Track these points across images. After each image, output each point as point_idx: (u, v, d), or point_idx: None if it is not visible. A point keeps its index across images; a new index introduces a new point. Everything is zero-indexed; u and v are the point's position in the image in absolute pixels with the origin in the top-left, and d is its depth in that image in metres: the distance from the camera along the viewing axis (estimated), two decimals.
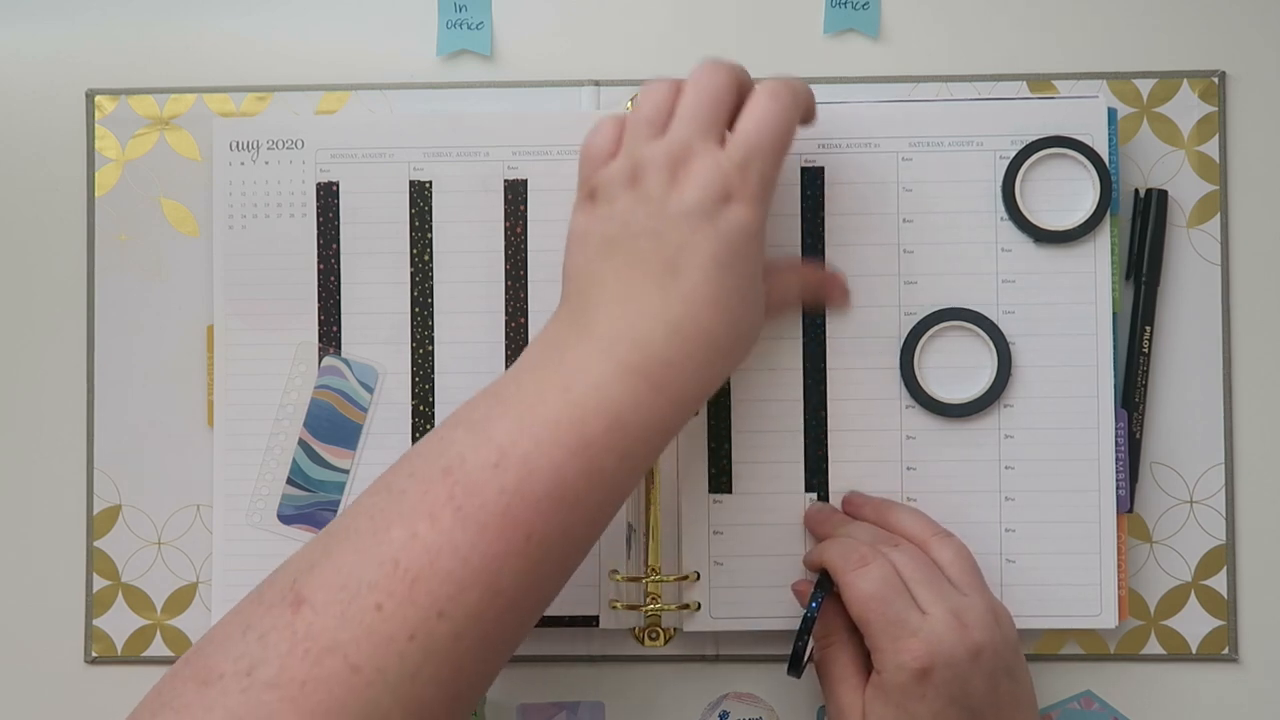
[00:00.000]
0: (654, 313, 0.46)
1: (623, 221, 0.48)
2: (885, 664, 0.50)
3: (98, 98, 0.62)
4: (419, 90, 0.61)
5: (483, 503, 0.42)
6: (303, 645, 0.40)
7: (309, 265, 0.60)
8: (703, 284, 0.46)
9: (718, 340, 0.46)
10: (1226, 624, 0.60)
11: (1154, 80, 0.60)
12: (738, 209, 0.47)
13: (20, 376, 0.62)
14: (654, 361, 0.45)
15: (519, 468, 0.43)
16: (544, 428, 0.44)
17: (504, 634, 0.43)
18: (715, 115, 0.49)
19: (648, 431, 0.45)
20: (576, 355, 0.45)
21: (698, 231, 0.46)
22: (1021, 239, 0.59)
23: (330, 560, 0.42)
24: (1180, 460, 0.60)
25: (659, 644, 0.59)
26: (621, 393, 0.44)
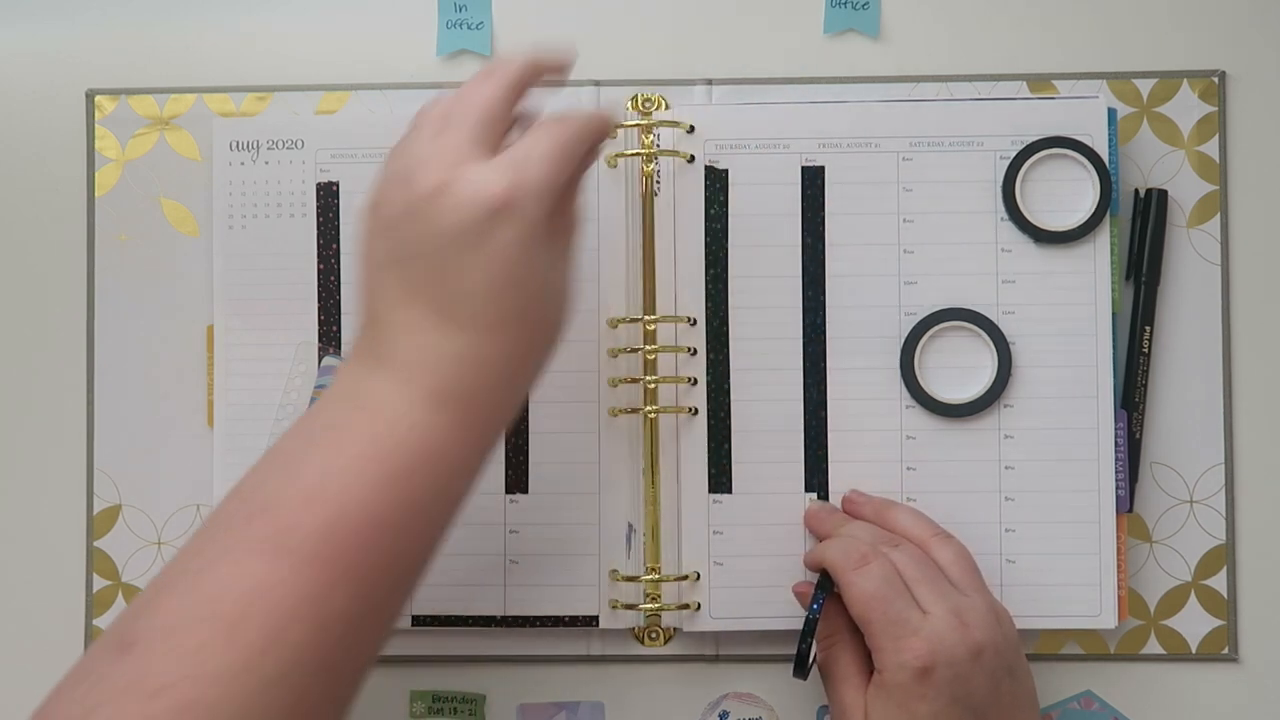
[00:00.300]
0: (440, 342, 0.45)
1: (398, 240, 0.46)
2: (886, 663, 0.50)
3: (98, 98, 0.62)
4: (419, 90, 0.61)
5: (300, 540, 0.42)
6: (135, 687, 0.40)
7: (309, 265, 0.60)
8: (481, 311, 0.45)
9: (509, 361, 0.46)
10: (1226, 624, 0.60)
11: (1154, 80, 0.60)
12: (508, 227, 0.44)
13: (20, 376, 0.62)
14: (450, 388, 0.45)
15: (332, 503, 0.43)
16: (352, 462, 0.43)
17: (340, 664, 0.43)
18: (484, 128, 0.46)
19: (458, 457, 0.45)
20: (379, 387, 0.45)
21: (467, 255, 0.44)
22: (1021, 239, 0.59)
23: (158, 602, 0.42)
24: (1180, 460, 0.60)
25: (659, 644, 0.59)
26: (426, 421, 0.44)
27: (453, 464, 0.45)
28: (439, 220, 0.44)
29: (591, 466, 0.59)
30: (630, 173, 0.59)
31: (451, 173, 0.44)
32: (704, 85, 0.61)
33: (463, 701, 0.59)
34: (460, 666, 0.60)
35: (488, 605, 0.59)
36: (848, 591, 0.52)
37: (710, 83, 0.61)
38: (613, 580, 0.58)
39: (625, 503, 0.59)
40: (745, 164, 0.59)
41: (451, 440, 0.45)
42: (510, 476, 0.59)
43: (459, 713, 0.59)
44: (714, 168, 0.59)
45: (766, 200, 0.59)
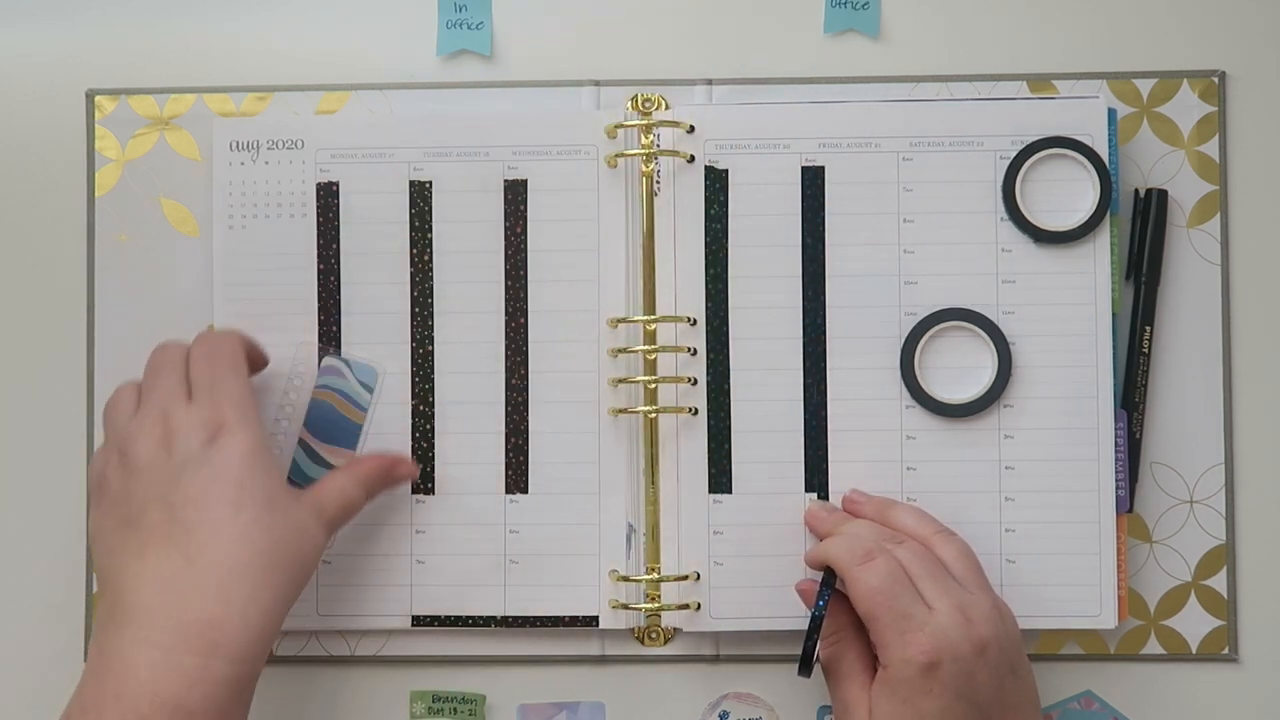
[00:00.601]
0: (178, 576, 0.46)
1: (127, 500, 0.49)
2: (892, 658, 0.50)
3: (98, 98, 0.62)
4: (419, 90, 0.61)
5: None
6: None
7: (309, 265, 0.60)
8: (219, 526, 0.47)
9: (258, 573, 0.47)
10: (1226, 624, 0.60)
11: (1154, 80, 0.60)
12: (227, 440, 0.49)
13: (20, 376, 0.62)
14: (193, 628, 0.46)
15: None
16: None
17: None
18: (171, 380, 0.52)
19: (214, 700, 0.46)
20: (120, 654, 0.46)
21: (196, 478, 0.48)
22: (1021, 239, 0.59)
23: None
24: (1180, 460, 0.60)
25: (659, 644, 0.59)
26: (171, 675, 0.45)
27: (211, 708, 0.46)
28: (168, 466, 0.49)
29: (592, 466, 0.59)
30: (630, 173, 0.59)
31: (164, 423, 0.50)
32: (704, 85, 0.61)
33: (463, 702, 0.59)
34: (460, 666, 0.60)
35: (488, 605, 0.59)
36: (853, 588, 0.52)
37: (710, 83, 0.61)
38: (613, 580, 0.58)
39: (625, 503, 0.59)
40: (745, 164, 0.59)
41: (205, 686, 0.46)
42: (510, 476, 0.59)
43: (459, 713, 0.59)
44: (714, 168, 0.59)
45: (766, 200, 0.59)
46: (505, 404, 0.59)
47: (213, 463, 0.49)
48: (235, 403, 0.51)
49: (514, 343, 0.59)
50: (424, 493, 0.59)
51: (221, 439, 0.49)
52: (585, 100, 0.61)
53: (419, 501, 0.59)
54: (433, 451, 0.59)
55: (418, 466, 0.58)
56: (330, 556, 0.59)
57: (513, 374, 0.59)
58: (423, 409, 0.59)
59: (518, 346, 0.59)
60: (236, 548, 0.47)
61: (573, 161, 0.59)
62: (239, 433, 0.50)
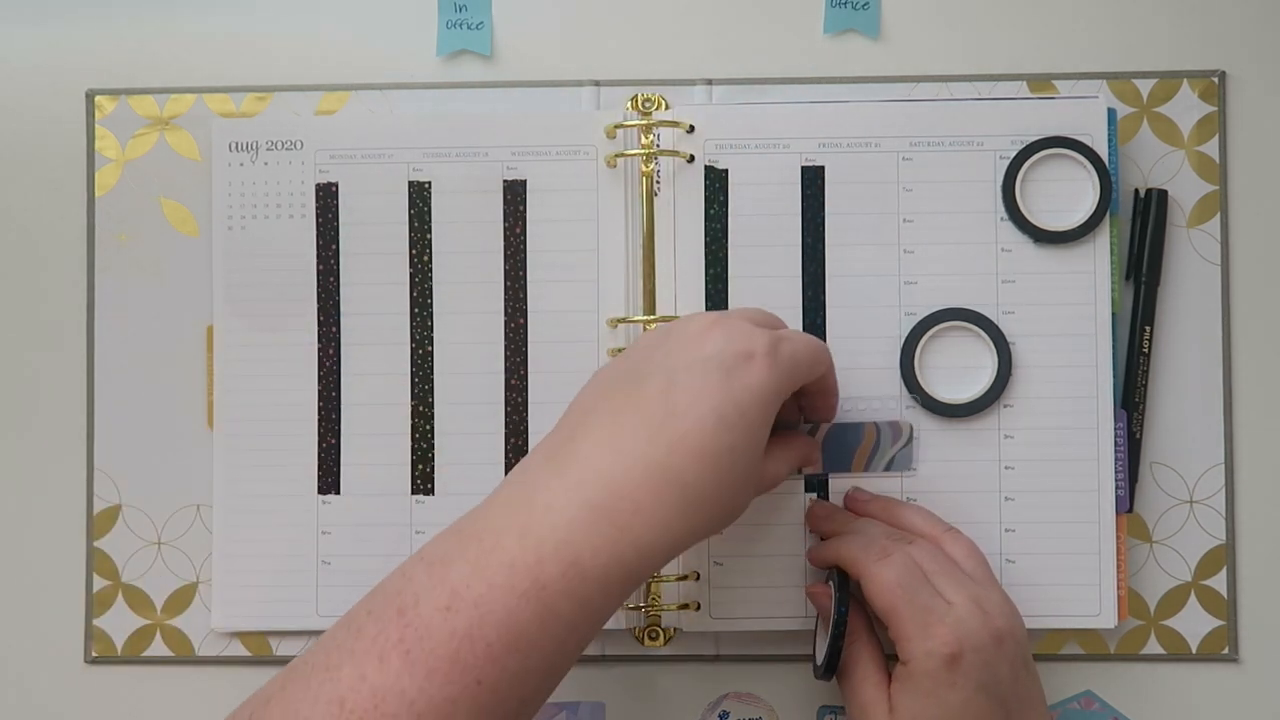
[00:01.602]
0: (635, 452, 0.45)
1: (637, 359, 0.48)
2: (914, 652, 0.50)
3: (98, 98, 0.62)
4: (419, 90, 0.61)
5: (433, 647, 0.42)
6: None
7: (308, 266, 0.60)
8: (696, 434, 0.45)
9: (699, 493, 0.45)
10: (1226, 624, 0.60)
11: (1154, 80, 0.60)
12: (757, 369, 0.47)
13: (20, 376, 0.62)
14: (621, 502, 0.44)
15: (471, 611, 0.42)
16: (499, 571, 0.43)
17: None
18: (759, 316, 0.51)
19: (607, 576, 0.44)
20: (543, 493, 0.45)
21: (709, 382, 0.46)
22: (1021, 239, 0.59)
23: (284, 694, 0.42)
24: (1180, 460, 0.60)
25: (659, 644, 0.59)
26: (582, 535, 0.44)
27: (602, 582, 0.44)
28: (692, 349, 0.47)
29: None
30: (630, 173, 0.59)
31: (722, 320, 0.48)
32: (704, 85, 0.61)
33: None
34: None
35: None
36: (870, 584, 0.51)
37: (710, 83, 0.61)
38: None
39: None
40: (745, 164, 0.59)
41: (606, 558, 0.44)
42: None
43: None
44: (714, 168, 0.59)
45: (766, 200, 0.59)
46: (505, 404, 0.59)
47: (732, 374, 0.46)
48: (789, 355, 0.48)
49: (514, 343, 0.59)
50: (424, 493, 0.59)
51: (754, 363, 0.47)
52: (585, 100, 0.61)
53: (419, 502, 0.59)
54: (432, 452, 0.59)
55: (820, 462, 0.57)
56: (330, 557, 0.59)
57: (512, 374, 0.59)
58: (422, 409, 0.59)
59: (517, 347, 0.59)
60: (701, 461, 0.45)
61: (572, 162, 0.59)
62: (769, 371, 0.47)
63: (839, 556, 0.54)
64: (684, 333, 0.48)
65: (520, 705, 0.43)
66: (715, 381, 0.46)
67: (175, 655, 0.60)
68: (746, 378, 0.46)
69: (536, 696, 0.44)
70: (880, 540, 0.53)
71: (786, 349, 0.48)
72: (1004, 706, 0.50)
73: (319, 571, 0.59)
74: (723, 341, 0.47)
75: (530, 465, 0.47)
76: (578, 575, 0.43)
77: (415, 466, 0.59)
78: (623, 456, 0.45)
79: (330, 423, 0.60)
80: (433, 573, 0.44)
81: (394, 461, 0.59)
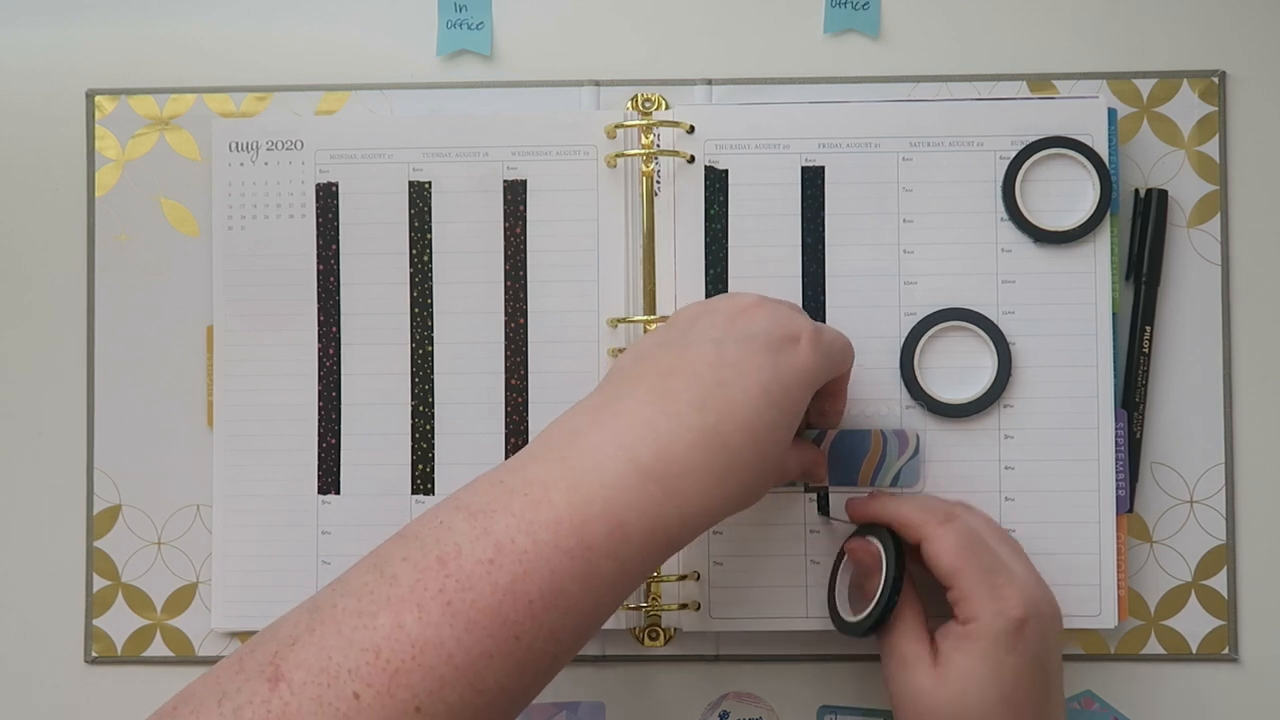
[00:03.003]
0: (683, 414, 0.44)
1: (681, 328, 0.48)
2: (979, 612, 0.50)
3: (98, 98, 0.62)
4: (419, 90, 0.61)
5: (474, 599, 0.41)
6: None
7: (309, 266, 0.60)
8: (743, 406, 0.45)
9: (743, 465, 0.45)
10: (1226, 624, 0.60)
11: (1154, 80, 0.60)
12: (803, 352, 0.47)
13: (20, 376, 0.62)
14: (669, 465, 0.44)
15: (514, 566, 0.41)
16: (544, 527, 0.42)
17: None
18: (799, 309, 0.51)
19: (651, 539, 0.44)
20: (590, 449, 0.44)
21: (757, 357, 0.46)
22: (1021, 239, 0.59)
23: (313, 637, 0.40)
24: (1180, 460, 0.60)
25: (659, 644, 0.59)
26: (629, 496, 0.43)
27: (644, 544, 0.43)
28: (740, 325, 0.47)
29: None
30: (630, 173, 0.59)
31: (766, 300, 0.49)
32: (704, 85, 0.61)
33: None
34: None
35: None
36: (935, 543, 0.51)
37: (710, 83, 0.61)
38: None
39: None
40: (745, 164, 0.59)
41: (650, 521, 0.43)
42: None
43: None
44: (714, 168, 0.59)
45: (766, 200, 0.59)
46: (505, 404, 0.59)
47: (779, 354, 0.47)
48: (828, 343, 0.49)
49: (514, 343, 0.59)
50: (424, 493, 0.59)
51: (799, 345, 0.48)
52: (585, 100, 0.61)
53: (419, 502, 0.59)
54: (432, 452, 0.59)
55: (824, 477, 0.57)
56: (330, 557, 0.59)
57: (512, 374, 0.59)
58: (422, 409, 0.59)
59: (517, 347, 0.59)
60: (746, 433, 0.45)
61: (572, 161, 0.59)
62: (812, 355, 0.48)
63: (897, 515, 0.53)
64: (730, 307, 0.49)
65: (552, 661, 0.43)
66: (763, 359, 0.46)
67: (175, 655, 0.60)
68: (793, 359, 0.47)
69: (568, 653, 0.44)
70: (941, 504, 0.53)
71: (827, 336, 0.49)
72: (1047, 681, 0.50)
73: (319, 571, 0.59)
74: (769, 321, 0.48)
75: (574, 421, 0.46)
76: (623, 536, 0.43)
77: (415, 466, 0.59)
78: (671, 420, 0.44)
79: (330, 423, 0.60)
80: (475, 523, 0.42)
81: (394, 461, 0.59)
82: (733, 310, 0.49)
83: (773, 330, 0.47)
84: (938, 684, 0.50)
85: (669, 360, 0.47)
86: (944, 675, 0.50)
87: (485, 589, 0.41)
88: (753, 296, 0.50)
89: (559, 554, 0.42)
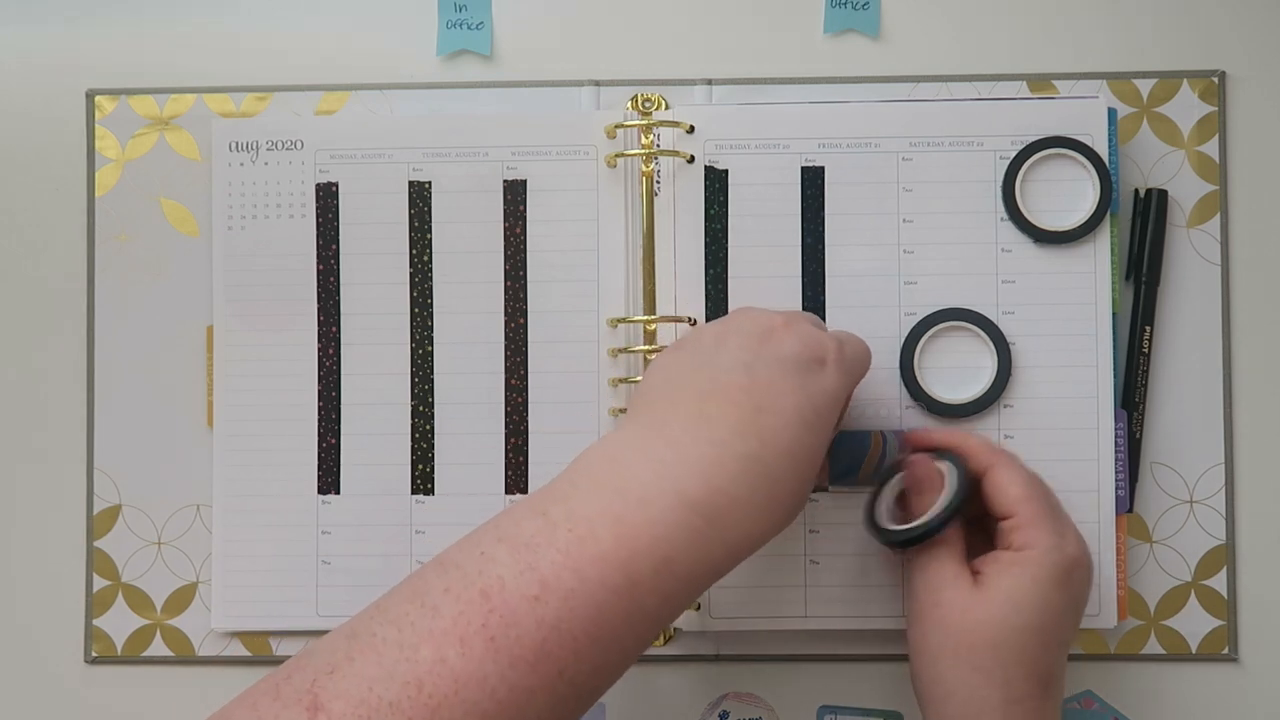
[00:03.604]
0: (730, 442, 0.44)
1: (710, 349, 0.48)
2: (1040, 541, 0.50)
3: (98, 98, 0.62)
4: (419, 90, 0.61)
5: (519, 635, 0.40)
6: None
7: (309, 266, 0.60)
8: (784, 430, 0.45)
9: (785, 490, 0.45)
10: (1226, 624, 0.60)
11: (1154, 80, 0.60)
12: (830, 374, 0.47)
13: (20, 376, 0.62)
14: (718, 495, 0.43)
15: (560, 603, 0.40)
16: (590, 564, 0.41)
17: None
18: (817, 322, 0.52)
19: (695, 571, 0.43)
20: (635, 481, 0.43)
21: (788, 380, 0.46)
22: (1021, 239, 0.59)
23: (353, 667, 0.40)
24: (1180, 460, 0.60)
25: (659, 644, 0.59)
26: (677, 532, 0.42)
27: (689, 578, 0.43)
28: (770, 349, 0.47)
29: None
30: (630, 173, 0.59)
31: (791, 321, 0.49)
32: (704, 85, 0.61)
33: None
34: None
35: None
36: (1004, 473, 0.51)
37: (710, 83, 0.61)
38: None
39: None
40: (745, 164, 0.59)
41: (697, 554, 0.43)
42: (510, 477, 0.59)
43: None
44: (714, 168, 0.59)
45: (766, 200, 0.59)
46: (505, 404, 0.59)
47: (808, 377, 0.47)
48: (849, 359, 0.49)
49: (514, 343, 0.59)
50: (424, 493, 0.59)
51: (826, 367, 0.48)
52: (585, 100, 0.61)
53: (419, 502, 0.59)
54: (432, 452, 0.59)
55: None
56: (330, 557, 0.59)
57: (512, 374, 0.59)
58: (422, 409, 0.59)
59: (517, 347, 0.59)
60: (787, 459, 0.45)
61: (572, 161, 0.60)
62: (839, 376, 0.48)
63: (967, 444, 0.53)
64: (755, 327, 0.48)
65: (593, 694, 0.43)
66: (795, 382, 0.46)
67: (175, 655, 0.60)
68: (823, 381, 0.47)
69: (608, 685, 0.44)
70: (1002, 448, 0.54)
71: (849, 352, 0.49)
72: (1070, 632, 0.50)
73: (319, 571, 0.59)
74: (798, 343, 0.47)
75: (615, 449, 0.45)
76: (669, 572, 0.42)
77: (415, 466, 0.59)
78: (717, 445, 0.44)
79: (330, 423, 0.60)
80: (519, 556, 0.41)
81: (394, 461, 0.59)
82: (759, 331, 0.48)
83: (802, 353, 0.47)
84: (978, 602, 0.49)
85: (702, 384, 0.46)
86: (987, 596, 0.49)
87: (530, 625, 0.40)
88: (776, 316, 0.49)
89: (605, 591, 0.41)
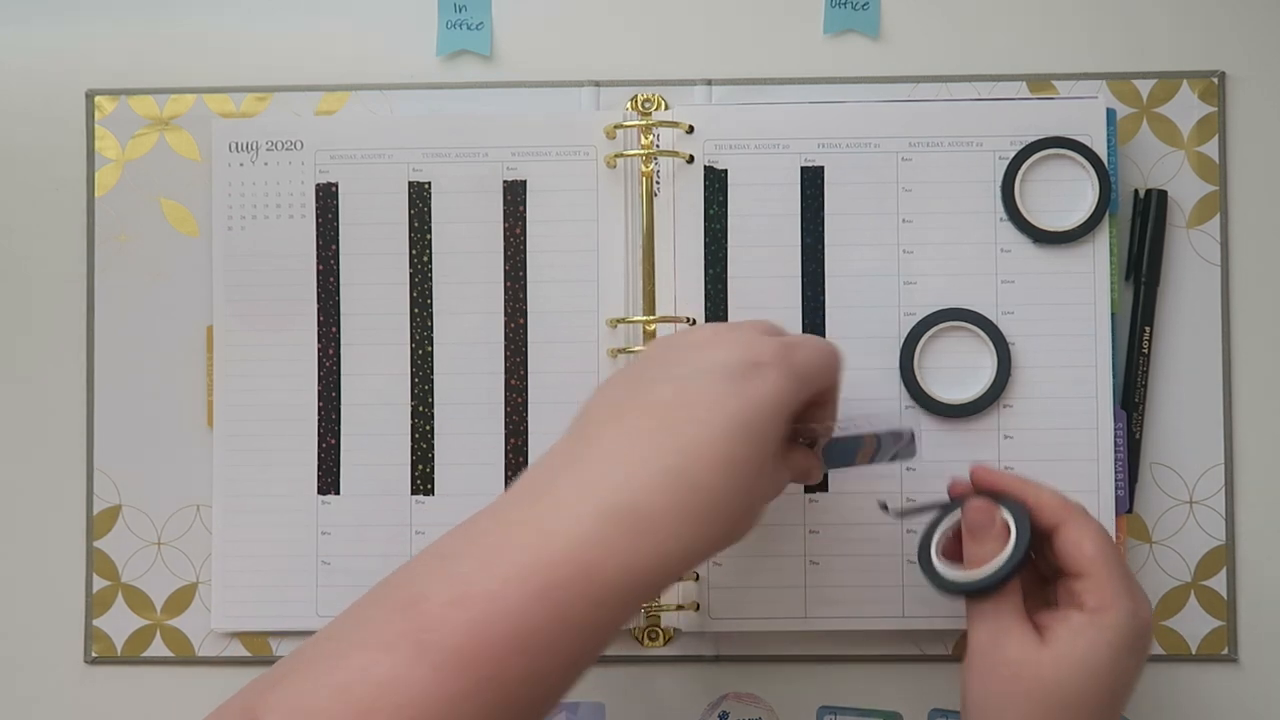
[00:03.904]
0: (651, 457, 0.44)
1: (643, 366, 0.48)
2: (1117, 605, 0.48)
3: (98, 98, 0.62)
4: (419, 90, 0.61)
5: (440, 639, 0.40)
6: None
7: (308, 266, 0.60)
8: (711, 441, 0.44)
9: (716, 501, 0.44)
10: (1226, 624, 0.60)
11: (1154, 80, 0.60)
12: (769, 378, 0.46)
13: (20, 376, 0.62)
14: (638, 507, 0.43)
15: (481, 607, 0.41)
16: (511, 568, 0.42)
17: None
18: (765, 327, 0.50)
19: (623, 581, 0.43)
20: (559, 491, 0.44)
21: (717, 389, 0.45)
22: (1021, 239, 0.59)
23: (288, 681, 0.41)
24: (1180, 460, 0.60)
25: (659, 644, 0.59)
26: (597, 537, 0.42)
27: (616, 586, 0.43)
28: (703, 358, 0.46)
29: None
30: (630, 173, 0.59)
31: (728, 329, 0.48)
32: (704, 85, 0.61)
33: None
34: None
35: None
36: (1079, 530, 0.50)
37: (710, 83, 0.61)
38: None
39: None
40: (745, 164, 0.59)
41: (621, 561, 0.43)
42: (510, 477, 0.59)
43: None
44: (714, 168, 0.59)
45: (766, 200, 0.59)
46: (504, 405, 0.59)
47: (742, 383, 0.45)
48: (801, 362, 0.47)
49: (513, 343, 0.59)
50: (424, 493, 0.59)
51: (764, 371, 0.46)
52: (585, 100, 0.61)
53: (418, 502, 0.59)
54: (432, 452, 0.59)
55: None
56: (329, 557, 0.59)
57: (512, 375, 0.59)
58: (422, 409, 0.59)
59: (517, 347, 0.59)
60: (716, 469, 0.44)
61: (572, 162, 0.60)
62: (780, 379, 0.46)
63: (1039, 495, 0.51)
64: (690, 341, 0.48)
65: (530, 706, 0.43)
66: (725, 390, 0.45)
67: (175, 655, 0.60)
68: (759, 386, 0.46)
69: (549, 697, 0.44)
70: None
71: (799, 356, 0.48)
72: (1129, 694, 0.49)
73: (319, 571, 0.59)
74: (731, 350, 0.46)
75: (543, 468, 0.46)
76: (590, 580, 0.42)
77: (415, 466, 0.59)
78: (637, 461, 0.44)
79: (330, 423, 0.60)
80: (444, 566, 0.43)
81: (394, 461, 0.59)
82: (694, 343, 0.48)
83: (732, 360, 0.46)
84: (1051, 663, 0.48)
85: (631, 403, 0.46)
86: (1057, 655, 0.48)
87: (450, 630, 0.41)
88: (714, 327, 0.48)
89: (525, 596, 0.41)
